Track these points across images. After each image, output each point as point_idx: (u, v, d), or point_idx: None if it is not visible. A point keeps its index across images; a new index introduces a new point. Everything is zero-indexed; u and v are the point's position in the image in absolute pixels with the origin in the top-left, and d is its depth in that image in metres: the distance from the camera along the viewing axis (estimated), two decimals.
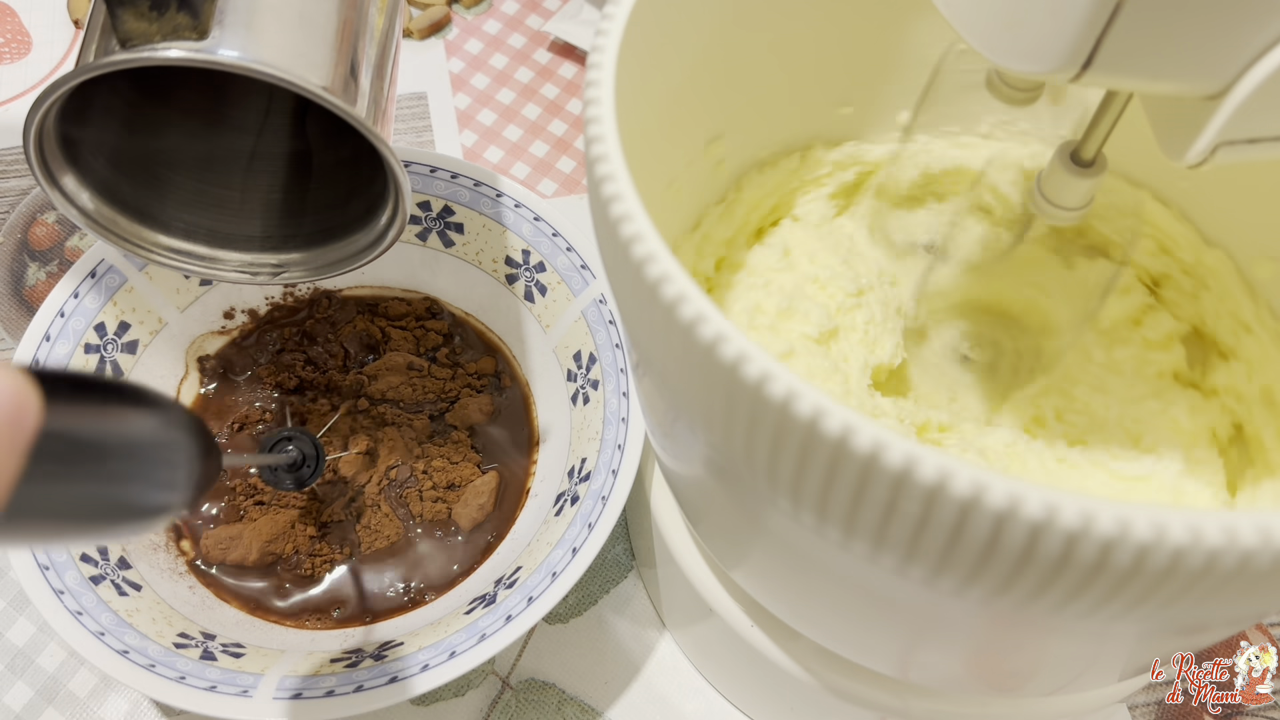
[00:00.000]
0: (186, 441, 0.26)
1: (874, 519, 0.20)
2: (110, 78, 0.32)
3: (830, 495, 0.20)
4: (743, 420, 0.21)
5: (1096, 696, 0.36)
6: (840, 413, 0.19)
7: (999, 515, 0.18)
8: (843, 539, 0.21)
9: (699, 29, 0.30)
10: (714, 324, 0.20)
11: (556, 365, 0.45)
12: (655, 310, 0.21)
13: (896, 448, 0.18)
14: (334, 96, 0.32)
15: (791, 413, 0.19)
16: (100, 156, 0.37)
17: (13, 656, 0.42)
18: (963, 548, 0.19)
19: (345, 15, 0.33)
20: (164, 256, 0.39)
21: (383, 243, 0.38)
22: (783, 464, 0.21)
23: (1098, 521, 0.18)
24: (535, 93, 0.59)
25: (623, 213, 0.22)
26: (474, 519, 0.43)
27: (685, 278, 0.21)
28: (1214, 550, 0.18)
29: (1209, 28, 0.20)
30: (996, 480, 0.18)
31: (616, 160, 0.23)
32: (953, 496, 0.18)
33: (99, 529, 0.24)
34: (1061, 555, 0.18)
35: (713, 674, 0.42)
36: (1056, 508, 0.18)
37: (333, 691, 0.35)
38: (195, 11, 0.30)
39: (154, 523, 0.26)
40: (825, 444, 0.19)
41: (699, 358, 0.21)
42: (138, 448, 0.24)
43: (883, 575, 0.22)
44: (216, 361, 0.46)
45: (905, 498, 0.19)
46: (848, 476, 0.19)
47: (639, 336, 0.25)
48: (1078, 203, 0.29)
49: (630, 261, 0.22)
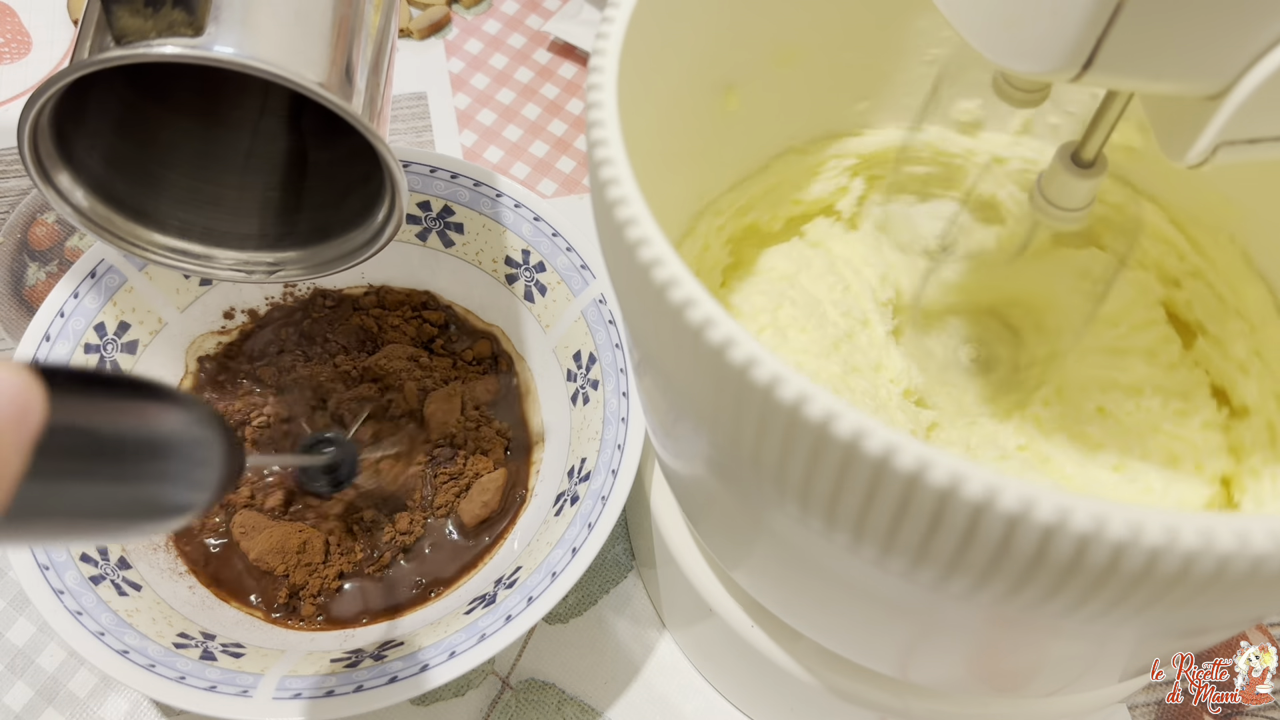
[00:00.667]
0: (208, 439, 0.26)
1: (884, 523, 0.20)
2: (105, 75, 0.31)
3: (840, 499, 0.20)
4: (752, 424, 0.21)
5: (1097, 697, 0.36)
6: (852, 416, 0.19)
7: (1012, 518, 0.18)
8: (852, 543, 0.21)
9: (700, 28, 0.30)
10: (723, 328, 0.20)
11: (556, 365, 0.45)
12: (662, 313, 0.21)
13: (909, 451, 0.18)
14: (330, 93, 0.32)
15: (802, 416, 0.19)
16: (95, 155, 0.37)
17: (13, 656, 0.42)
18: (974, 551, 0.19)
19: (341, 12, 0.33)
20: (159, 255, 0.39)
21: (379, 240, 0.38)
22: (792, 468, 0.20)
23: (1110, 525, 0.17)
24: (535, 93, 0.59)
25: (628, 216, 0.22)
26: (477, 516, 0.43)
27: (693, 281, 0.21)
28: (1224, 555, 0.18)
29: (1210, 28, 0.20)
30: (1010, 484, 0.18)
31: (621, 164, 0.23)
32: (965, 500, 0.18)
33: (115, 527, 0.24)
34: (1073, 559, 0.18)
35: (712, 674, 0.42)
36: (1068, 511, 0.18)
37: (333, 691, 0.35)
38: (190, 8, 0.30)
39: (175, 521, 0.25)
40: (836, 448, 0.19)
41: (707, 361, 0.20)
42: (155, 445, 0.24)
43: (889, 578, 0.22)
44: (216, 362, 0.46)
45: (917, 501, 0.19)
46: (859, 481, 0.19)
47: (644, 338, 0.25)
48: (1079, 203, 0.29)
49: (637, 265, 0.22)
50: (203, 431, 0.26)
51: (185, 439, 0.25)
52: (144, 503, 0.24)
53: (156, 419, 0.24)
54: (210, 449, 0.26)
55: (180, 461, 0.25)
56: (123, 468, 0.23)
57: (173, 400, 0.25)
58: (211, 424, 0.26)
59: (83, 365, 0.39)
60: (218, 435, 0.26)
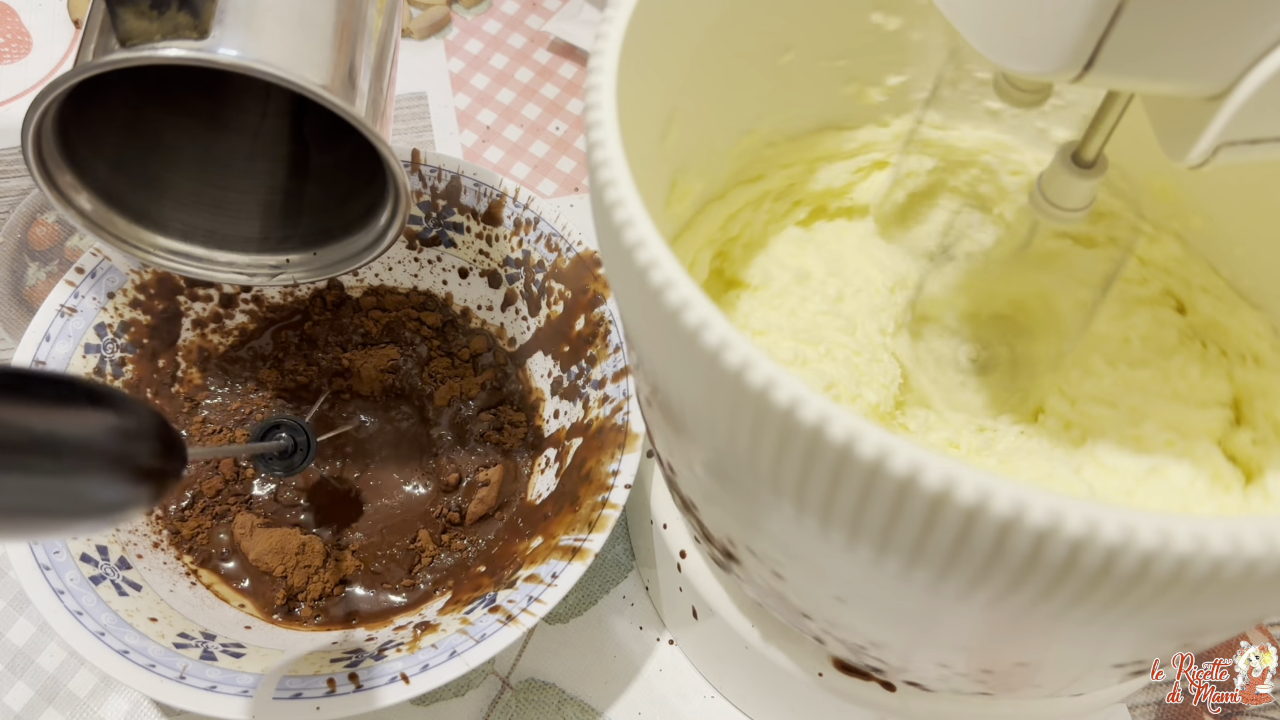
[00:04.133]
0: (140, 437, 0.26)
1: (878, 525, 0.20)
2: (109, 78, 0.32)
3: (835, 501, 0.20)
4: (747, 426, 0.21)
5: (1097, 697, 0.36)
6: (844, 419, 0.19)
7: (1005, 522, 0.18)
8: (847, 544, 0.21)
9: (701, 28, 0.30)
10: (718, 330, 0.20)
11: (556, 365, 0.45)
12: (660, 316, 0.21)
13: (902, 454, 0.18)
14: (334, 95, 0.32)
15: (796, 419, 0.19)
16: (99, 157, 0.37)
17: (13, 656, 0.42)
18: (968, 553, 0.19)
19: (345, 15, 0.33)
20: (162, 257, 0.39)
21: (382, 243, 0.38)
22: (786, 470, 0.20)
23: (1103, 527, 0.17)
24: (535, 93, 0.59)
25: (626, 218, 0.22)
26: (475, 513, 0.43)
27: (690, 284, 0.21)
28: (1219, 558, 0.18)
29: (1211, 29, 0.20)
30: (1002, 485, 0.18)
31: (619, 166, 0.23)
32: (958, 503, 0.18)
33: (42, 526, 0.24)
34: (1066, 561, 0.18)
35: (712, 674, 0.42)
36: (1061, 513, 0.18)
37: (333, 691, 0.35)
38: (196, 11, 0.30)
39: (107, 521, 0.25)
40: (829, 450, 0.19)
41: (703, 364, 0.20)
42: (79, 444, 0.24)
43: (886, 579, 0.22)
44: (217, 363, 0.46)
45: (910, 504, 0.19)
46: (852, 483, 0.19)
47: (641, 340, 0.25)
48: (1079, 203, 0.29)
49: (634, 268, 0.22)
50: (131, 429, 0.25)
51: (112, 437, 0.25)
52: (70, 501, 0.24)
53: (82, 418, 0.24)
54: (140, 447, 0.26)
55: (107, 460, 0.25)
56: (44, 466, 0.23)
57: (101, 397, 0.25)
58: (146, 420, 0.26)
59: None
60: (150, 432, 0.26)
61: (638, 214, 0.22)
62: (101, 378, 0.42)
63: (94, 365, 0.42)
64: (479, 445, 0.45)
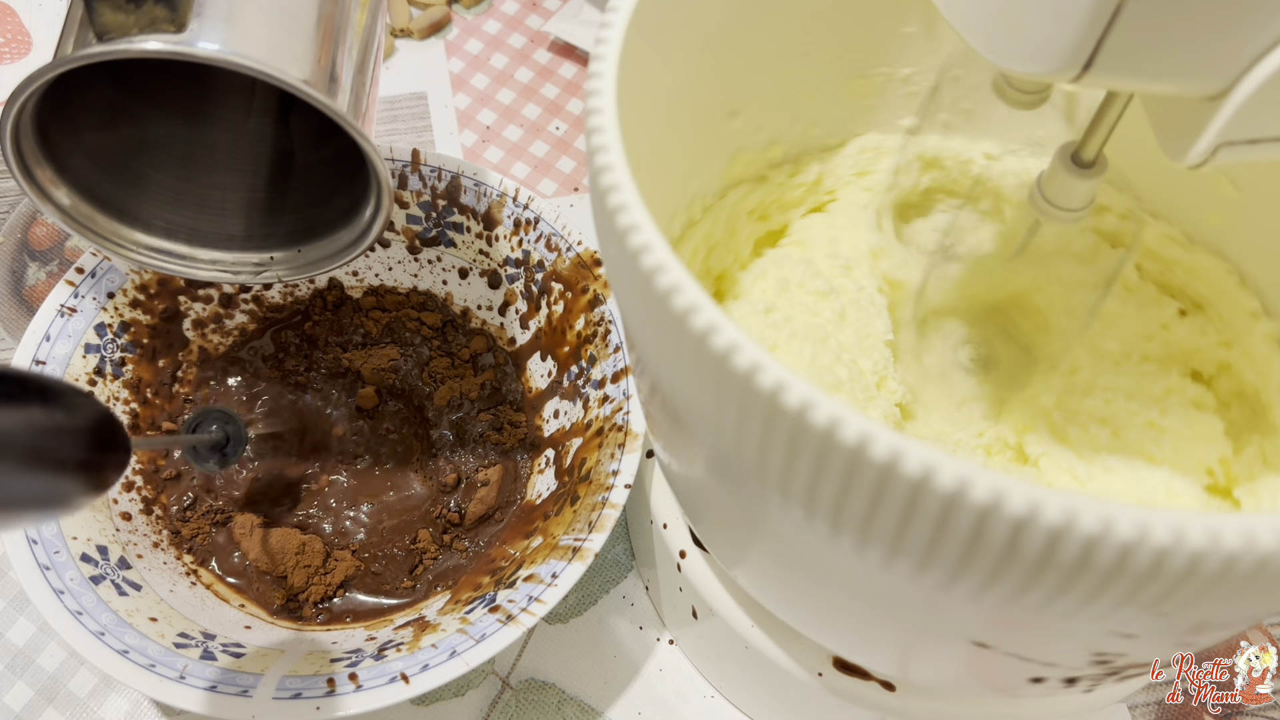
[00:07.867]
0: (71, 429, 0.25)
1: (890, 527, 0.20)
2: (89, 73, 0.31)
3: (845, 504, 0.20)
4: (756, 429, 0.20)
5: (1097, 697, 0.36)
6: (856, 421, 0.19)
7: (1018, 521, 0.18)
8: (857, 547, 0.21)
9: (701, 28, 0.30)
10: (726, 334, 0.20)
11: (557, 365, 0.45)
12: (665, 320, 0.21)
13: (914, 455, 0.18)
14: (315, 90, 0.31)
15: (806, 421, 0.19)
16: (80, 153, 0.37)
17: (13, 656, 0.42)
18: (981, 553, 0.19)
19: (326, 10, 0.33)
20: (144, 255, 0.39)
21: (366, 239, 0.38)
22: (797, 473, 0.20)
23: (1117, 525, 0.17)
24: (535, 93, 0.59)
25: (630, 223, 0.22)
26: (475, 513, 0.43)
27: (696, 287, 0.21)
28: (1197, 552, 0.18)
29: (1210, 28, 0.20)
30: (1016, 486, 0.18)
31: (621, 168, 0.23)
32: (971, 503, 0.18)
33: None
34: (1080, 559, 0.18)
35: (713, 674, 0.42)
36: (1076, 512, 0.18)
37: (333, 691, 0.35)
38: (173, 4, 0.30)
39: (44, 513, 0.25)
40: (841, 452, 0.19)
41: (711, 367, 0.20)
42: (7, 437, 0.23)
43: (893, 580, 0.22)
44: (217, 363, 0.46)
45: (923, 505, 0.19)
46: (864, 485, 0.19)
47: (645, 343, 0.25)
48: (1079, 204, 0.29)
49: (639, 272, 0.21)
50: (66, 423, 0.25)
51: (43, 431, 0.24)
52: None
53: (10, 412, 0.23)
54: (72, 437, 0.25)
55: (36, 454, 0.24)
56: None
57: (38, 391, 0.24)
58: (82, 411, 0.25)
59: None
60: (87, 425, 0.25)
61: (642, 218, 0.22)
62: (102, 378, 0.42)
63: (94, 365, 0.42)
64: (479, 445, 0.45)
